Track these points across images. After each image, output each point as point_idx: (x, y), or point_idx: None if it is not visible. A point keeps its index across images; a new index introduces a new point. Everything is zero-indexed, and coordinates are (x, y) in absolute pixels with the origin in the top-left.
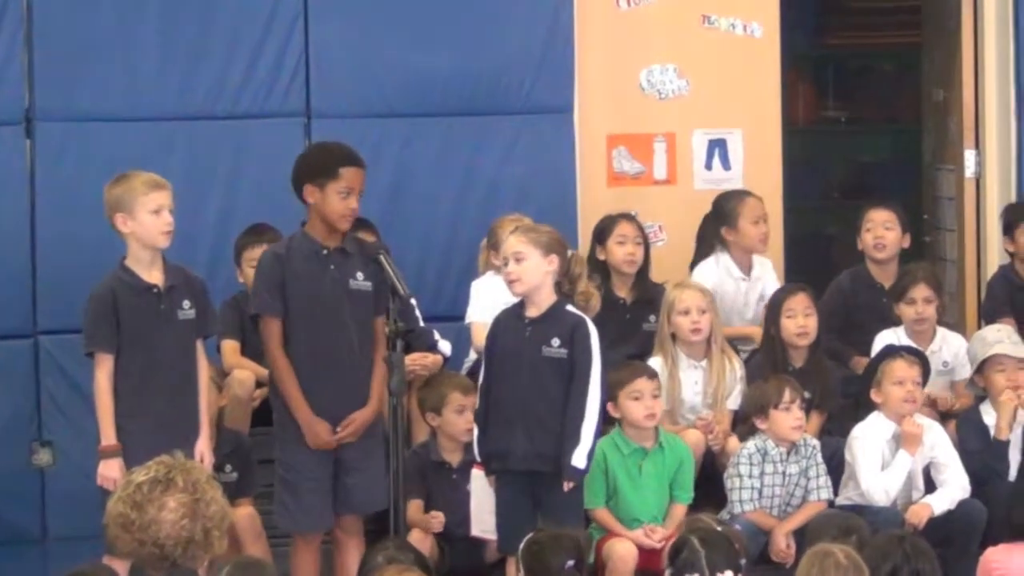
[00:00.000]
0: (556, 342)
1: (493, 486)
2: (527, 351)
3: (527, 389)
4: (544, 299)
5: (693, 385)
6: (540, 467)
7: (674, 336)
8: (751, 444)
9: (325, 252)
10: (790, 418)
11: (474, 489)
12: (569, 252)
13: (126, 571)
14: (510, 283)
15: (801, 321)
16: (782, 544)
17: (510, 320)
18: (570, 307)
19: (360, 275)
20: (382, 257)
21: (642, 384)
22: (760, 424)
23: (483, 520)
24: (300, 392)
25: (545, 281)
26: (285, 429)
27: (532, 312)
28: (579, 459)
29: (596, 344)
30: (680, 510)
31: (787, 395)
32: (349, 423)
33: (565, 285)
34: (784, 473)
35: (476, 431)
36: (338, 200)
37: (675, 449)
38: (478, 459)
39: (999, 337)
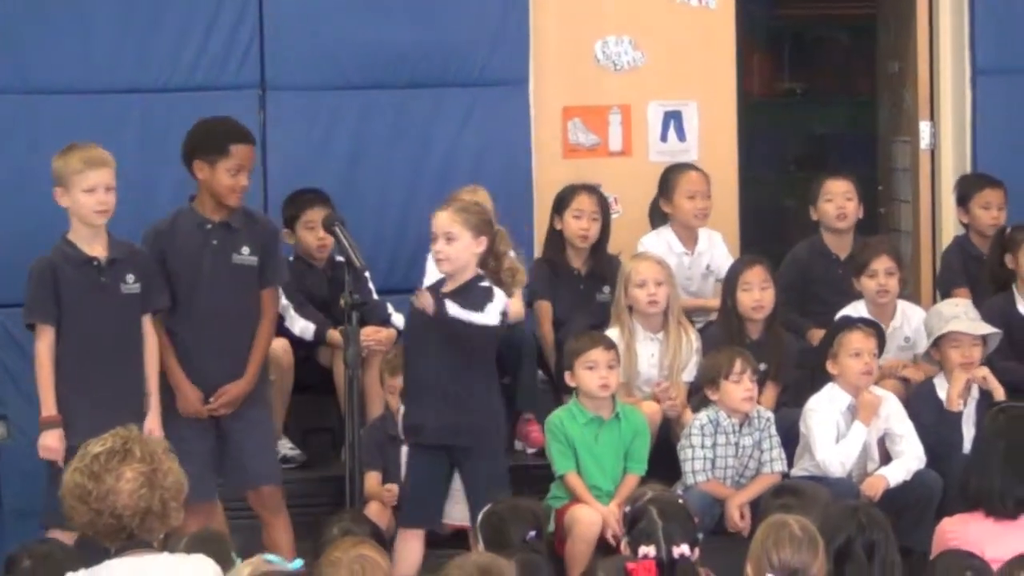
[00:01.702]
0: None
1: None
2: (438, 325)
3: (439, 363)
4: (465, 277)
5: (649, 358)
6: (452, 441)
7: (631, 308)
8: (703, 415)
9: (208, 226)
10: (740, 389)
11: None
12: (495, 228)
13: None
14: (437, 261)
15: (757, 295)
16: (736, 515)
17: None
18: (484, 282)
19: (245, 249)
20: (337, 229)
21: (597, 354)
22: (712, 395)
23: None
24: (175, 360)
25: (471, 262)
26: (164, 398)
27: (449, 286)
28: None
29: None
30: (633, 480)
31: (738, 366)
32: (221, 395)
33: (491, 262)
34: (737, 444)
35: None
36: (227, 177)
37: (632, 420)
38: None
39: (955, 312)
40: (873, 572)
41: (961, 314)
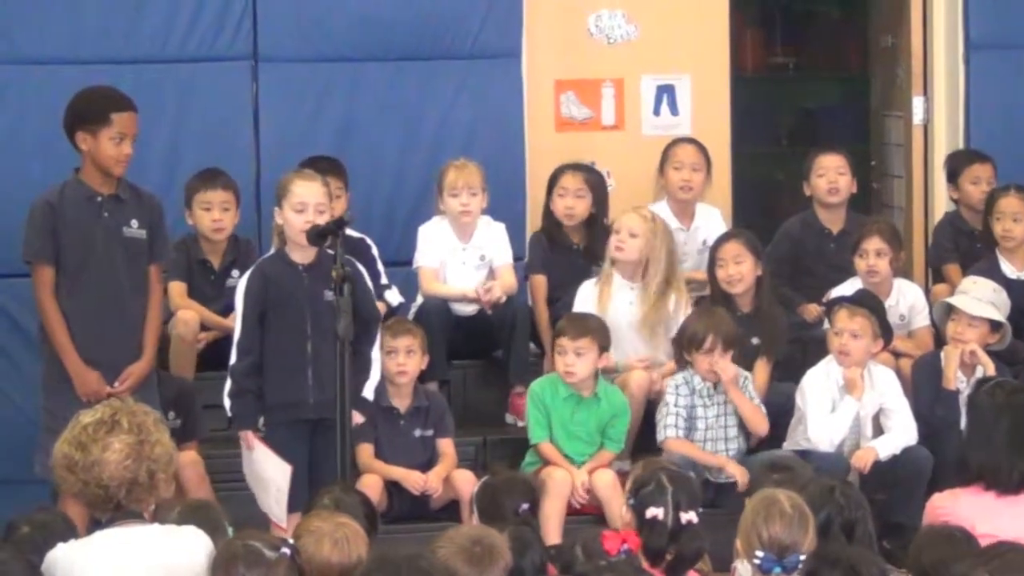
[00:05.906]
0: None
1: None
2: (307, 298)
3: (313, 336)
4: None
5: (628, 306)
6: (329, 414)
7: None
8: (679, 376)
9: (99, 199)
10: (705, 361)
11: (266, 467)
12: None
13: (80, 516)
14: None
15: (731, 270)
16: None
17: (279, 268)
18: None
19: (135, 222)
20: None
21: (563, 342)
22: (688, 357)
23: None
24: (70, 340)
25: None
26: (54, 378)
27: (301, 258)
28: (369, 391)
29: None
30: (606, 455)
31: (709, 342)
32: (127, 377)
33: None
34: (716, 406)
35: (234, 396)
36: (111, 146)
37: (612, 400)
38: (258, 426)
39: (966, 288)
40: (854, 550)
41: (969, 292)
